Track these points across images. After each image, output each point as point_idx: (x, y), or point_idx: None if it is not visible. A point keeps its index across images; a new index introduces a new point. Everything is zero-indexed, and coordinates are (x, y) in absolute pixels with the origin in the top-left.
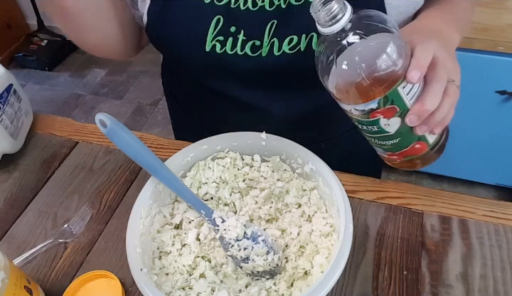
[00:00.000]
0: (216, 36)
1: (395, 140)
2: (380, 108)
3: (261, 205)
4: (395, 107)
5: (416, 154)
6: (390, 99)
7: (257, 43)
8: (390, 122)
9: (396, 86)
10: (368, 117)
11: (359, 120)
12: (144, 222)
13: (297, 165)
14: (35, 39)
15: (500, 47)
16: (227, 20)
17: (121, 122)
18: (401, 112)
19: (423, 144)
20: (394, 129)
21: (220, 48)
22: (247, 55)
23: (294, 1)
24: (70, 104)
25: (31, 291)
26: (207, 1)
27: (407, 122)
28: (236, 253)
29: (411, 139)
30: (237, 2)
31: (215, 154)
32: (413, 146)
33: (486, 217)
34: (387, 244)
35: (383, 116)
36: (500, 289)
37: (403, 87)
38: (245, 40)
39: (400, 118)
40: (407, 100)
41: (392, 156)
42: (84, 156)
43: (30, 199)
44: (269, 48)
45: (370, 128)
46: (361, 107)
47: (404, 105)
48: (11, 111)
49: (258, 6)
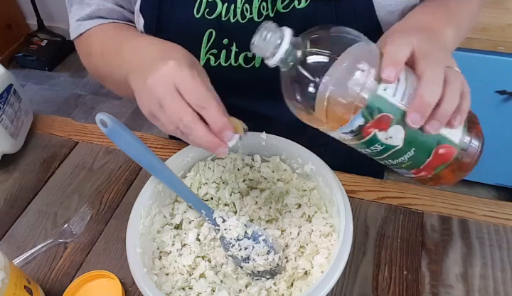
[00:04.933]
0: (210, 49)
1: (410, 152)
2: (369, 121)
3: (261, 206)
4: (386, 115)
5: (445, 161)
6: (374, 108)
7: (249, 55)
8: (391, 133)
9: (374, 91)
10: (362, 136)
11: (357, 144)
12: (144, 222)
13: (297, 165)
14: (35, 39)
15: (500, 47)
16: (220, 33)
17: (121, 122)
18: (397, 117)
19: (448, 147)
20: (400, 140)
21: (215, 61)
22: (241, 66)
23: (282, 9)
24: (70, 104)
25: (31, 291)
26: (198, 15)
27: (409, 124)
28: (237, 253)
29: (429, 145)
30: (227, 15)
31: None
32: (437, 153)
33: (486, 217)
34: (387, 244)
35: (378, 129)
36: (500, 289)
37: (384, 89)
38: (238, 52)
39: (399, 125)
40: (396, 102)
41: (420, 172)
42: (84, 156)
43: (30, 199)
44: (261, 58)
45: (374, 149)
46: (348, 129)
47: (396, 109)
48: (11, 111)
49: (247, 17)
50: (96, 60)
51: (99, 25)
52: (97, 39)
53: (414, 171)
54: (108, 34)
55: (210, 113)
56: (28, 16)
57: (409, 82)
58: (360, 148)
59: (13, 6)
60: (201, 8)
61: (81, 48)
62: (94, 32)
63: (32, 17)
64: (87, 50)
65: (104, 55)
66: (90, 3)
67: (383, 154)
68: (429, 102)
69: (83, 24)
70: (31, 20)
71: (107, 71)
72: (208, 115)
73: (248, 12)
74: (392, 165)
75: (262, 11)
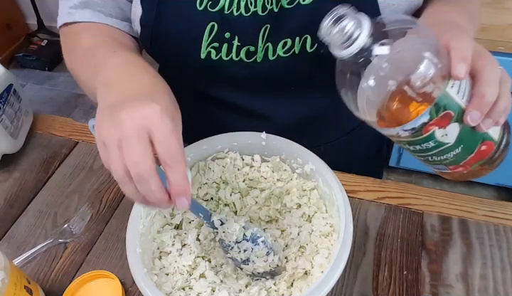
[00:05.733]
0: (211, 43)
1: (457, 150)
2: (433, 119)
3: (261, 206)
4: (449, 113)
5: (484, 157)
6: (441, 105)
7: (252, 49)
8: (448, 131)
9: (444, 88)
10: (421, 133)
11: (410, 141)
12: (144, 222)
13: (297, 165)
14: (35, 39)
15: (500, 47)
16: (222, 26)
17: None
18: (456, 115)
19: (489, 144)
20: (454, 138)
21: (216, 55)
22: (242, 61)
23: (287, 4)
24: (70, 104)
25: (31, 291)
26: (200, 8)
27: (468, 123)
28: (236, 255)
29: (475, 142)
30: (230, 8)
31: (215, 154)
32: (479, 150)
33: (486, 217)
34: (387, 244)
35: (438, 127)
36: (500, 289)
37: (451, 86)
38: (240, 46)
39: (457, 123)
40: (459, 100)
41: (457, 168)
42: (84, 156)
43: (30, 199)
44: (263, 53)
45: (425, 146)
46: (410, 126)
47: (457, 107)
48: (11, 111)
49: (251, 11)
50: (76, 57)
51: (93, 22)
52: (87, 37)
53: (453, 167)
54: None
55: (176, 173)
56: (28, 16)
57: (468, 82)
58: (410, 144)
59: (13, 6)
60: (204, 1)
61: (66, 39)
62: (86, 28)
63: (32, 17)
64: (71, 44)
65: (87, 54)
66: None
67: (432, 151)
68: (490, 101)
69: (74, 14)
70: (31, 20)
71: (83, 70)
72: (173, 174)
73: (252, 5)
74: (434, 161)
75: (266, 5)
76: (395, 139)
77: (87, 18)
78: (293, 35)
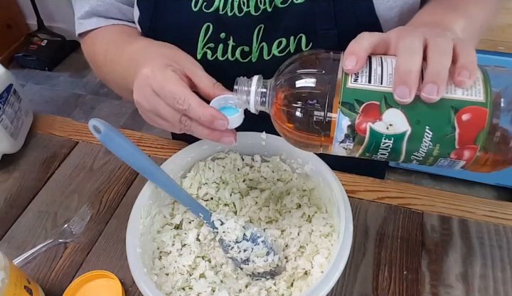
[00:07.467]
0: (206, 43)
1: (427, 133)
2: (356, 116)
3: (261, 206)
4: (371, 103)
5: (479, 127)
6: (351, 101)
7: (246, 49)
8: (387, 119)
9: (342, 87)
10: (361, 136)
11: (367, 150)
12: (144, 222)
13: (297, 165)
14: (35, 39)
15: (500, 47)
16: (217, 26)
17: (115, 127)
18: (384, 101)
19: (473, 109)
20: (404, 123)
21: (211, 55)
22: (237, 61)
23: (280, 4)
24: (70, 104)
25: (31, 291)
26: (195, 9)
27: (399, 100)
28: (236, 255)
29: (443, 115)
30: (224, 8)
31: (215, 155)
32: (461, 121)
33: (486, 217)
34: (387, 244)
35: (371, 121)
36: (500, 289)
37: (354, 80)
38: (235, 46)
39: (393, 108)
40: (374, 87)
41: (462, 153)
42: (84, 156)
43: (30, 199)
44: (258, 53)
45: (387, 147)
46: (340, 134)
47: (377, 94)
48: (11, 111)
49: (244, 11)
50: (100, 65)
51: (102, 27)
52: (100, 42)
53: (455, 154)
54: (112, 38)
55: (191, 112)
56: (28, 16)
57: (388, 65)
58: (373, 154)
59: (13, 6)
60: (199, 2)
61: (85, 48)
62: (97, 35)
63: (32, 17)
64: (90, 56)
65: (107, 61)
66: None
67: (402, 150)
68: (407, 69)
69: (83, 23)
70: (31, 20)
71: (111, 77)
72: (191, 114)
73: (245, 6)
74: (425, 158)
75: (259, 4)
76: (351, 154)
77: (95, 25)
78: (287, 35)
